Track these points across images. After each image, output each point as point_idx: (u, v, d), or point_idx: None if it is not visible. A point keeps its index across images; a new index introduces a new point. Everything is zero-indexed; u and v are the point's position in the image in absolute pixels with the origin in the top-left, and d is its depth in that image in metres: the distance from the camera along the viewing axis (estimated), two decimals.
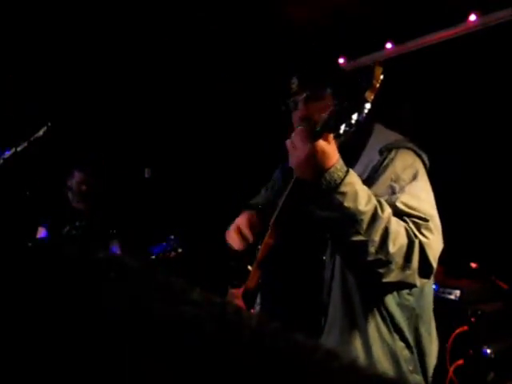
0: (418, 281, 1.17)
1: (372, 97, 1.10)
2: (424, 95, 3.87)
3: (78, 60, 4.24)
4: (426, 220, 1.17)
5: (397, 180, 1.25)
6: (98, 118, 4.53)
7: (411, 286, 1.22)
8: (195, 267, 3.64)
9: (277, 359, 0.31)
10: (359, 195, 1.11)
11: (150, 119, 4.90)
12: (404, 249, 1.13)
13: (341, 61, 4.36)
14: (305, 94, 1.39)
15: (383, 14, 3.73)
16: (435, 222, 1.21)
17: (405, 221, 1.17)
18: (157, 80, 4.72)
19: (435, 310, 1.48)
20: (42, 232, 3.32)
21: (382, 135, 1.39)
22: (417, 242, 1.14)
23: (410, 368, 1.31)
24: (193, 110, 5.07)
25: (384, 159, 1.29)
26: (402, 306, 1.31)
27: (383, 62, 1.14)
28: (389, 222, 1.12)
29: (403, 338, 1.31)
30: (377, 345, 1.28)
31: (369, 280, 1.24)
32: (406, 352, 1.31)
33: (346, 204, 1.10)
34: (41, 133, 2.71)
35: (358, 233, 1.11)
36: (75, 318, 0.38)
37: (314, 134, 1.13)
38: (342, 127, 1.09)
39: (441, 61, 3.76)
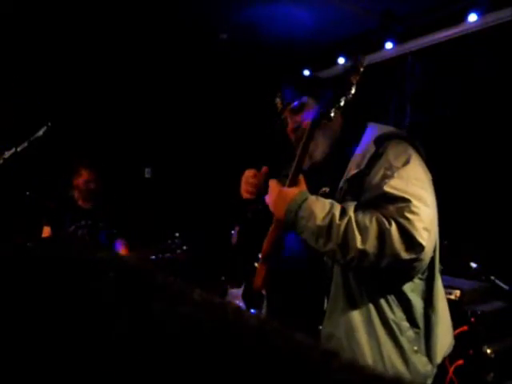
0: (407, 255, 1.22)
1: (357, 79, 1.31)
2: (424, 96, 3.87)
3: (78, 60, 4.25)
4: (408, 201, 1.24)
5: (389, 167, 1.32)
6: (99, 118, 4.53)
7: (408, 267, 1.25)
8: (196, 267, 3.64)
9: (276, 359, 0.31)
10: (315, 214, 1.29)
11: (150, 119, 4.90)
12: (377, 239, 1.22)
13: (341, 60, 4.36)
14: (288, 109, 1.55)
15: (383, 13, 3.74)
16: (424, 201, 1.27)
17: (387, 208, 1.26)
18: (157, 80, 4.73)
19: None
20: (47, 231, 3.27)
21: (375, 129, 1.47)
22: (393, 227, 1.21)
23: (415, 348, 1.35)
24: (193, 109, 5.08)
25: (378, 149, 1.37)
26: (411, 288, 1.36)
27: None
28: (349, 224, 1.25)
29: (410, 319, 1.35)
30: (378, 325, 1.32)
31: (362, 274, 1.33)
32: (410, 332, 1.35)
33: (307, 224, 1.30)
34: (41, 133, 2.71)
35: (325, 244, 1.28)
36: (75, 317, 0.38)
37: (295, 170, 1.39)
38: (332, 111, 1.33)
39: (440, 61, 3.76)
